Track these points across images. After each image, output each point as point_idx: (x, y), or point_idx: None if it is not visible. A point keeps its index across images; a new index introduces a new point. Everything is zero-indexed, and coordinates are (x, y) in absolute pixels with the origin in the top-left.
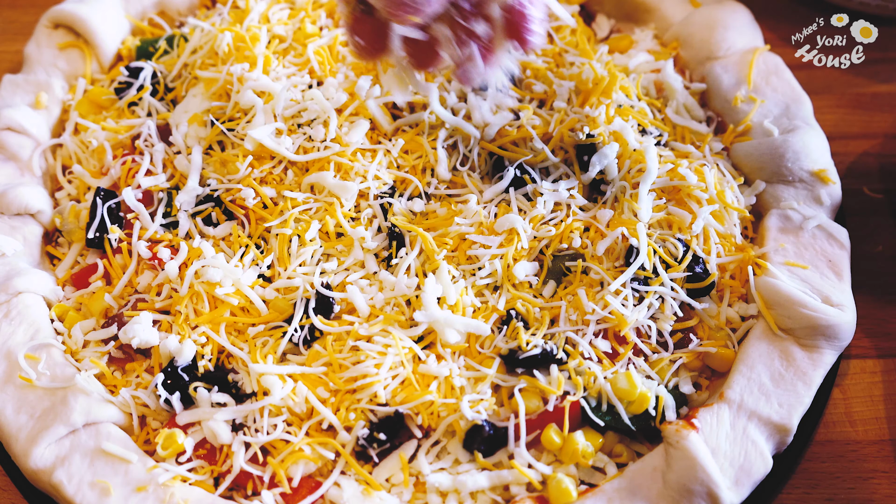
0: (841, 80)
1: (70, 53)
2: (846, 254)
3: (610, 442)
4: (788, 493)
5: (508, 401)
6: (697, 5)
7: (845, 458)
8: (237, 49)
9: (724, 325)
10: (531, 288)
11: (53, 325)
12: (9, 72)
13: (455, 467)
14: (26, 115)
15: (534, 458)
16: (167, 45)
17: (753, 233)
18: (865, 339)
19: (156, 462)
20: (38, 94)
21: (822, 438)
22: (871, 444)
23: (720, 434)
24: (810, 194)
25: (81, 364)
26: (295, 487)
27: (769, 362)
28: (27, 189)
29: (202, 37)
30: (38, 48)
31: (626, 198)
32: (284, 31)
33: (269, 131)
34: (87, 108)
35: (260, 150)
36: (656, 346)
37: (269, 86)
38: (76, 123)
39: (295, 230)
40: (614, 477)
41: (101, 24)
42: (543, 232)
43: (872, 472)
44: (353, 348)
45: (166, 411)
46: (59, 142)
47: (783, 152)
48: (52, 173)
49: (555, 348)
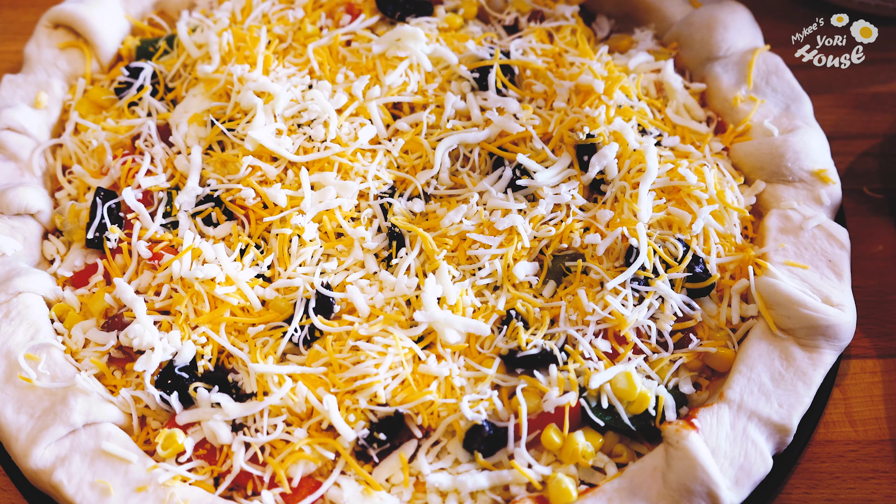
0: (841, 80)
1: (70, 53)
2: (846, 254)
3: (610, 442)
4: (788, 493)
5: (508, 401)
6: (697, 5)
7: (845, 458)
8: (237, 49)
9: (724, 325)
10: (531, 288)
11: (53, 325)
12: (9, 72)
13: (455, 467)
14: (26, 114)
15: (534, 458)
16: (167, 45)
17: (753, 233)
18: (865, 339)
19: (156, 462)
20: (38, 94)
21: (822, 438)
22: (871, 444)
23: (720, 434)
24: (810, 194)
25: (81, 364)
26: (295, 487)
27: (769, 362)
28: (27, 189)
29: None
30: (38, 48)
31: (626, 198)
32: (284, 30)
33: (269, 132)
34: (87, 108)
35: (260, 151)
36: (656, 346)
37: (270, 86)
38: (76, 123)
39: (295, 230)
40: (614, 477)
41: (101, 24)
42: (543, 232)
43: (872, 472)
44: (353, 348)
45: (166, 411)
46: (59, 142)
47: (783, 152)
48: (52, 173)
49: (555, 348)
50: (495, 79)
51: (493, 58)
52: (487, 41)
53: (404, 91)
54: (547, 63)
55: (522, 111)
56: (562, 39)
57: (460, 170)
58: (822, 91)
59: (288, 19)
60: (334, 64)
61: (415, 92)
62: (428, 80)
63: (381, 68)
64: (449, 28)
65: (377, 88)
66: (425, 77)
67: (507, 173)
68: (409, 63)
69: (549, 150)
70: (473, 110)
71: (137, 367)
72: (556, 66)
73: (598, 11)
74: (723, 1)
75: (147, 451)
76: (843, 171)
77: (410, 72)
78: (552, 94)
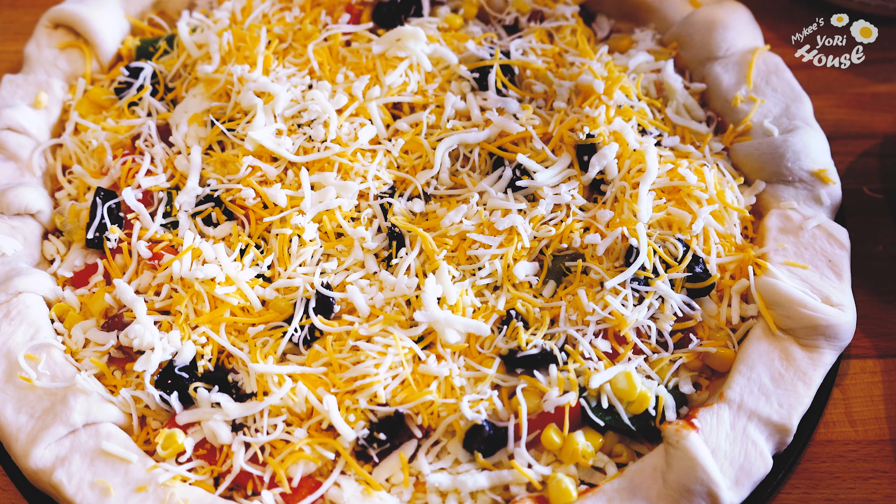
0: (841, 80)
1: (70, 53)
2: (846, 254)
3: (610, 442)
4: (788, 493)
5: (508, 401)
6: (698, 5)
7: (845, 458)
8: (237, 49)
9: (724, 325)
10: (531, 288)
11: (53, 325)
12: (9, 72)
13: (455, 467)
14: (26, 114)
15: (534, 458)
16: (167, 45)
17: (753, 233)
18: (865, 339)
19: (156, 462)
20: (38, 94)
21: (822, 438)
22: (871, 444)
23: (720, 434)
24: (810, 194)
25: (81, 364)
26: (295, 487)
27: (769, 362)
28: (27, 189)
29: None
30: (38, 48)
31: (626, 198)
32: (283, 30)
33: (269, 132)
34: (87, 108)
35: (260, 151)
36: (656, 346)
37: (270, 86)
38: (76, 123)
39: (295, 230)
40: (614, 477)
41: (102, 23)
42: (543, 232)
43: (872, 472)
44: (353, 348)
45: (166, 411)
46: (59, 142)
47: (783, 152)
48: (52, 173)
49: (555, 348)
50: (495, 79)
51: (493, 58)
52: (487, 41)
53: (404, 91)
54: (547, 63)
55: (522, 111)
56: (562, 39)
57: (460, 170)
58: (822, 91)
59: (287, 19)
60: (334, 64)
61: (415, 92)
62: (428, 80)
63: (381, 68)
64: (449, 28)
65: (377, 88)
66: (425, 77)
67: (507, 173)
68: (409, 63)
69: (548, 150)
70: (473, 110)
71: (137, 367)
72: (556, 66)
73: (598, 11)
74: (723, 1)
75: (147, 451)
76: (842, 171)
77: (410, 72)
78: (552, 94)
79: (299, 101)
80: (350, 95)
